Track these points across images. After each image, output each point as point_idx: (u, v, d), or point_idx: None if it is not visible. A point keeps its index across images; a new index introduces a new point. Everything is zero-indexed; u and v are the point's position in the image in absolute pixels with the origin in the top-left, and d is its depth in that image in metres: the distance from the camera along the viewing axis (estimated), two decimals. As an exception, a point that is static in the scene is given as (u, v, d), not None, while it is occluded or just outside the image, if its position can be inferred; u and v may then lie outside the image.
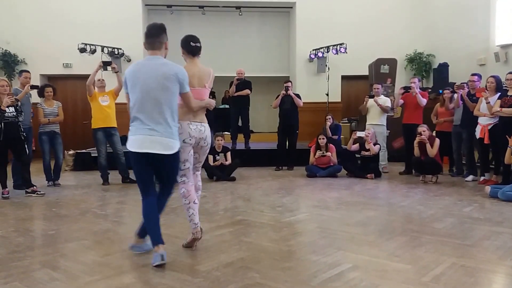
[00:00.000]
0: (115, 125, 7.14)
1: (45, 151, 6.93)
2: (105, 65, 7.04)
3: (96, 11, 11.35)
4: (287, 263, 3.20)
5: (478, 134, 6.69)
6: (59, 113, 7.06)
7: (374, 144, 7.68)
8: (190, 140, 3.42)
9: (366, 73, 10.89)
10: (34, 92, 7.05)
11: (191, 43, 3.56)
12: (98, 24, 11.25)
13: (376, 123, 8.19)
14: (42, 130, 6.89)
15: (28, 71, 6.93)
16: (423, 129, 7.05)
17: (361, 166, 7.81)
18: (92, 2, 11.41)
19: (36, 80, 7.06)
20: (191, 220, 3.47)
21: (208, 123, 3.73)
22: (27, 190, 6.12)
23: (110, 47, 10.90)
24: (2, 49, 10.97)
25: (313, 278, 2.88)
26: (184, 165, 3.48)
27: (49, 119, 6.88)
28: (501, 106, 6.22)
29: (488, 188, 5.75)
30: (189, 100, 3.35)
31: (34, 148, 7.42)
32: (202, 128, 3.49)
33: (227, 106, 11.52)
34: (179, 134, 3.33)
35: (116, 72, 7.07)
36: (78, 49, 10.34)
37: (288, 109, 8.58)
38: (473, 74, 7.30)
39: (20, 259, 3.33)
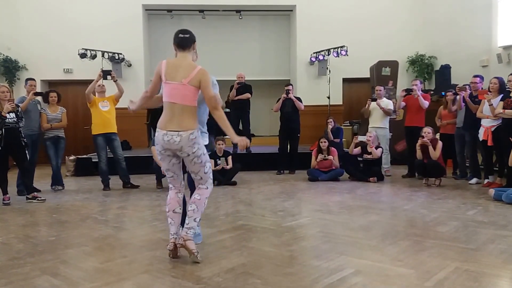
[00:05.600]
0: (116, 131, 7.14)
1: (51, 156, 6.94)
2: (105, 74, 7.06)
3: (96, 16, 11.37)
4: (289, 268, 3.16)
5: (481, 136, 6.66)
6: (63, 119, 7.06)
7: (376, 148, 7.65)
8: (165, 151, 3.29)
9: (368, 75, 10.87)
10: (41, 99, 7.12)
11: (180, 35, 3.35)
12: (98, 29, 11.27)
13: (378, 126, 8.15)
14: (46, 136, 6.93)
15: (33, 79, 6.94)
16: (428, 130, 7.02)
17: (363, 169, 7.77)
18: (92, 7, 11.43)
19: (37, 86, 7.07)
20: (169, 229, 3.43)
21: (209, 127, 3.69)
22: (27, 196, 6.11)
23: (110, 52, 10.90)
24: (3, 55, 11.00)
25: (315, 284, 2.85)
26: (168, 174, 3.44)
27: (51, 125, 6.89)
28: (504, 108, 6.18)
29: (492, 191, 5.71)
30: None
31: None
32: (177, 139, 3.19)
33: (227, 110, 11.50)
34: (156, 144, 3.33)
35: (115, 81, 7.08)
36: (79, 54, 10.35)
37: (289, 112, 8.56)
38: (475, 76, 7.27)
39: (20, 266, 3.31)
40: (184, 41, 3.32)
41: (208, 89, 3.25)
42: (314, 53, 11.55)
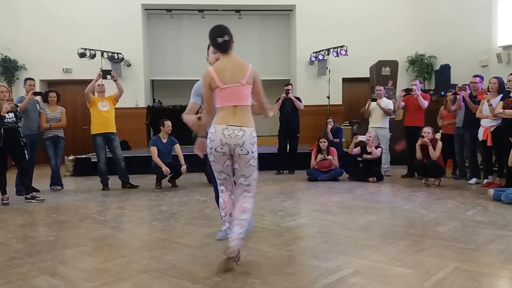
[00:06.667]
0: (115, 130, 7.14)
1: (50, 156, 6.94)
2: (104, 74, 7.04)
3: (95, 16, 11.37)
4: (288, 268, 3.16)
5: (480, 136, 6.65)
6: (62, 119, 7.06)
7: (376, 148, 7.64)
8: (222, 148, 3.10)
9: (367, 75, 10.86)
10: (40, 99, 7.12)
11: (218, 38, 3.17)
12: (97, 29, 11.27)
13: (378, 126, 8.13)
14: (46, 136, 6.93)
15: (32, 79, 6.95)
16: (427, 130, 7.01)
17: (363, 169, 7.77)
18: (92, 7, 11.43)
19: (36, 86, 7.07)
20: (229, 233, 3.29)
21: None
22: (26, 196, 6.11)
23: (110, 52, 10.90)
24: (2, 54, 11.00)
25: (313, 284, 2.84)
26: (220, 175, 3.29)
27: (50, 124, 6.89)
28: (504, 108, 6.18)
29: (491, 191, 5.70)
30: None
31: None
32: (239, 133, 3.07)
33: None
34: (211, 140, 3.11)
35: (115, 81, 7.08)
36: (78, 54, 10.35)
37: (289, 112, 8.55)
38: (475, 76, 7.27)
39: (19, 265, 3.30)
40: (226, 45, 3.20)
41: (261, 90, 3.28)
42: (313, 52, 11.55)
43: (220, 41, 3.17)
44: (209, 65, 3.61)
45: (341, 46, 10.65)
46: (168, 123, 7.23)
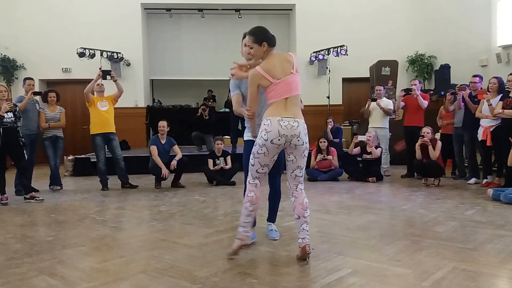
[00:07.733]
0: (114, 130, 7.13)
1: (49, 156, 6.94)
2: (104, 74, 7.02)
3: (95, 16, 11.38)
4: (286, 268, 3.15)
5: (480, 136, 6.65)
6: (61, 119, 7.06)
7: (376, 147, 7.64)
8: (279, 140, 3.15)
9: (367, 75, 10.86)
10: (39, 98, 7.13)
11: (271, 34, 3.30)
12: (97, 28, 11.27)
13: (378, 126, 8.13)
14: (45, 136, 6.93)
15: (32, 79, 6.94)
16: (427, 130, 7.01)
17: (362, 169, 7.76)
18: (91, 6, 11.44)
19: (35, 85, 7.06)
20: (242, 226, 3.37)
21: (209, 126, 3.67)
22: (25, 196, 6.10)
23: (109, 51, 10.90)
24: (1, 54, 11.00)
25: (312, 284, 2.84)
26: (262, 169, 3.36)
27: (49, 124, 6.89)
28: (503, 108, 6.18)
29: (490, 191, 5.70)
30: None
31: None
32: (295, 124, 3.16)
33: (227, 110, 11.50)
34: (268, 132, 3.16)
35: (115, 81, 7.07)
36: (77, 53, 10.35)
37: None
38: (475, 76, 7.27)
39: (18, 266, 3.30)
40: (275, 40, 3.33)
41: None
42: (313, 52, 11.55)
43: (273, 36, 3.30)
44: (244, 59, 3.71)
45: (341, 46, 10.64)
46: (160, 124, 7.18)
